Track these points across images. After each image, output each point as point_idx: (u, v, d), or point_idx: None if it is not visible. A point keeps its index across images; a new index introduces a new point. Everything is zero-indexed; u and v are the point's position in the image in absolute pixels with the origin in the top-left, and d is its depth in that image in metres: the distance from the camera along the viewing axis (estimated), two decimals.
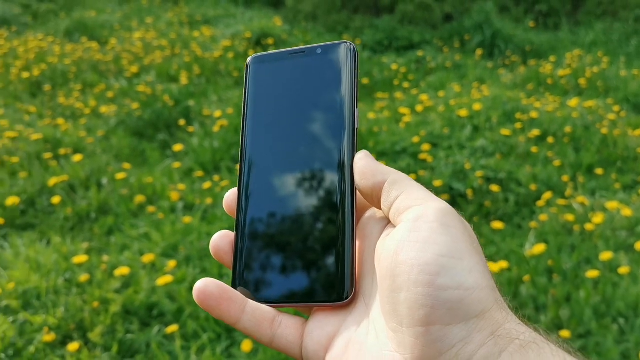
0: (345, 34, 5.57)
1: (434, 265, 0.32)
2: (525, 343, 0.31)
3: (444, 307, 0.31)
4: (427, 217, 0.34)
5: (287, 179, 0.41)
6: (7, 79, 4.21)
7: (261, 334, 0.38)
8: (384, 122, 3.37)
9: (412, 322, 0.32)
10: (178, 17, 6.05)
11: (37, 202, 2.50)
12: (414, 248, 0.33)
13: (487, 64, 4.87)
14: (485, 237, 2.28)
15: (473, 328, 0.32)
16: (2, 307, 1.86)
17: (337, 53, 0.43)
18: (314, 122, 0.41)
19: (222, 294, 0.37)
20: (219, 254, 0.42)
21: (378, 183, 0.38)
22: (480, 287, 0.32)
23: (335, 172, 0.40)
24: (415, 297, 0.32)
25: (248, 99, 0.44)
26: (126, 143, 3.16)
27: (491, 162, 2.77)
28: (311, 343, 0.37)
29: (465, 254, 0.33)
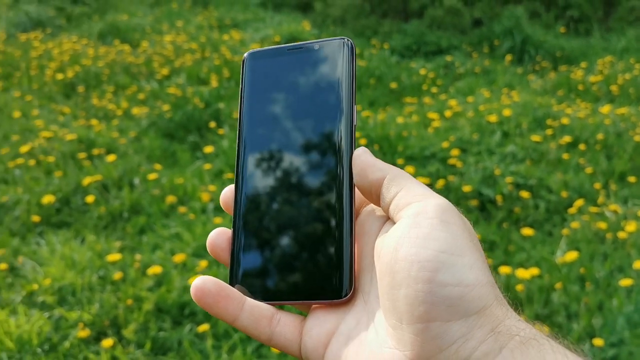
0: (373, 38, 5.58)
1: (434, 261, 0.32)
2: (526, 339, 0.31)
3: (444, 303, 0.31)
4: (427, 213, 0.34)
5: (285, 177, 0.41)
6: (42, 80, 4.30)
7: (259, 332, 0.37)
8: (413, 126, 3.37)
9: (411, 319, 0.32)
10: (207, 20, 6.12)
11: (71, 200, 2.55)
12: (413, 244, 0.33)
13: (517, 69, 4.83)
14: (515, 244, 2.27)
15: (473, 325, 0.31)
16: (38, 303, 1.91)
17: (334, 49, 0.42)
18: (311, 119, 0.41)
19: (219, 291, 0.37)
20: (215, 251, 0.41)
21: (377, 179, 0.38)
22: (481, 283, 0.32)
23: (333, 169, 0.39)
24: (415, 294, 0.32)
25: (244, 96, 0.44)
26: (157, 144, 3.21)
27: (521, 168, 2.76)
28: (310, 340, 0.37)
29: (465, 251, 0.33)
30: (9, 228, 2.38)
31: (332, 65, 0.42)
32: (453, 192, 2.62)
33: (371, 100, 4.12)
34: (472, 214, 2.49)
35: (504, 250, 2.23)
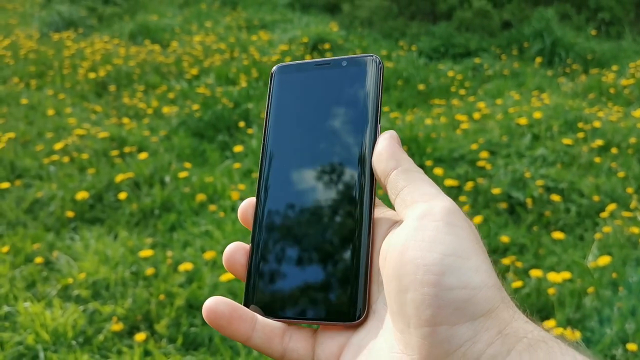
0: (401, 40, 5.57)
1: (440, 265, 0.32)
2: (534, 342, 0.31)
3: (451, 306, 0.31)
4: (433, 216, 0.34)
5: (306, 195, 0.40)
6: (75, 79, 4.38)
7: (272, 350, 0.37)
8: (441, 128, 3.36)
9: (418, 323, 0.32)
10: (236, 21, 6.17)
11: (104, 197, 2.60)
12: (419, 247, 0.33)
13: (547, 72, 4.78)
14: (546, 247, 2.25)
15: (480, 327, 0.31)
16: (73, 296, 1.94)
17: (362, 66, 0.42)
18: (336, 135, 0.41)
19: (232, 312, 0.37)
20: (233, 267, 0.41)
21: (390, 168, 0.38)
22: (487, 285, 0.32)
23: (354, 190, 0.39)
24: (421, 298, 0.32)
25: (270, 109, 0.44)
26: (187, 143, 3.25)
27: (552, 171, 2.73)
28: (322, 354, 0.37)
29: (471, 253, 0.33)
30: (44, 223, 2.43)
31: (359, 82, 0.42)
32: (482, 195, 2.61)
33: (399, 102, 4.11)
34: (501, 217, 2.47)
35: (534, 253, 2.21)
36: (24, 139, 3.23)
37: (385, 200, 0.44)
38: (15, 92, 4.14)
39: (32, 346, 1.73)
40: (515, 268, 2.06)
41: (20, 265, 2.13)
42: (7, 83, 4.39)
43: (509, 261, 2.07)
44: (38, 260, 2.11)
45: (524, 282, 1.96)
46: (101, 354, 1.72)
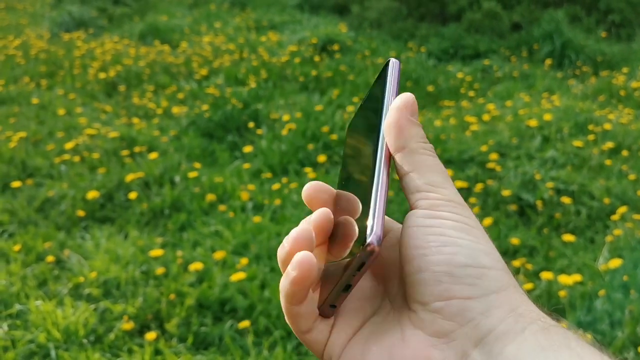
0: (410, 41, 5.56)
1: (452, 245, 0.33)
2: (548, 325, 0.31)
3: (463, 282, 0.32)
4: (439, 206, 0.35)
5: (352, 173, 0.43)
6: (85, 79, 4.40)
7: (307, 322, 0.37)
8: (451, 130, 3.35)
9: (431, 298, 0.33)
10: (245, 22, 6.18)
11: (115, 196, 2.61)
12: (428, 232, 0.34)
13: (557, 74, 4.76)
14: (556, 250, 2.24)
15: (492, 303, 0.32)
16: (84, 295, 1.96)
17: (385, 70, 0.44)
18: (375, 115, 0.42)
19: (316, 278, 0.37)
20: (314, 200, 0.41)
21: (398, 147, 0.37)
22: (497, 267, 0.33)
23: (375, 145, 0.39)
24: (434, 276, 0.33)
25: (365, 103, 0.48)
26: (197, 143, 3.25)
27: (562, 173, 2.72)
28: (337, 338, 0.37)
29: (480, 239, 0.34)
30: (55, 222, 2.44)
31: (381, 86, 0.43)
32: (492, 196, 2.60)
33: None
34: (511, 219, 2.47)
35: (545, 256, 2.20)
36: (35, 139, 3.25)
37: None
38: (26, 91, 4.17)
39: (43, 344, 1.74)
40: (525, 270, 2.05)
41: (31, 264, 2.14)
42: (18, 83, 4.42)
43: (519, 263, 2.07)
44: (49, 259, 2.13)
45: (534, 284, 1.95)
46: (112, 352, 1.73)
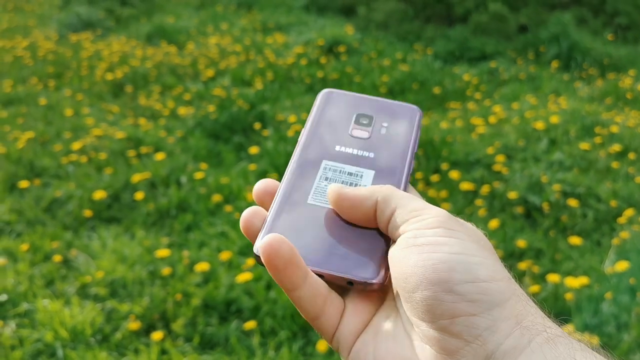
0: (416, 43, 5.56)
1: (448, 262, 0.32)
2: (553, 336, 0.31)
3: (465, 299, 0.32)
4: (428, 225, 0.35)
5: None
6: (92, 80, 4.42)
7: (313, 308, 0.37)
8: (457, 132, 3.35)
9: (434, 318, 0.32)
10: (252, 23, 6.20)
11: (121, 197, 2.62)
12: (423, 250, 0.33)
13: (563, 76, 4.75)
14: (563, 252, 2.23)
15: (497, 317, 0.32)
16: (91, 295, 1.96)
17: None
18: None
19: (292, 257, 0.35)
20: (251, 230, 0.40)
21: (369, 207, 0.38)
22: (495, 279, 0.33)
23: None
24: (433, 295, 0.32)
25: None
26: (203, 144, 3.26)
27: (569, 176, 2.72)
28: (346, 328, 0.37)
29: (475, 251, 0.33)
30: (63, 222, 2.46)
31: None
32: (498, 199, 2.60)
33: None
34: (517, 221, 2.46)
35: (551, 258, 2.20)
36: (43, 139, 3.27)
37: None
38: (34, 92, 4.19)
39: (50, 343, 1.75)
40: (532, 273, 2.05)
41: (39, 263, 2.16)
42: (26, 83, 4.44)
43: (525, 266, 2.07)
44: (57, 258, 2.14)
45: (541, 286, 1.95)
46: (119, 351, 1.73)
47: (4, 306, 1.92)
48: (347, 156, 0.43)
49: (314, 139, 0.45)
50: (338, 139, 0.44)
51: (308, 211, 0.40)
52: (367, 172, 0.42)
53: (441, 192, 2.64)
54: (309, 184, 0.42)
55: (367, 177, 0.42)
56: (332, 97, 0.48)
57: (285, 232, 0.39)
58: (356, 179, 0.42)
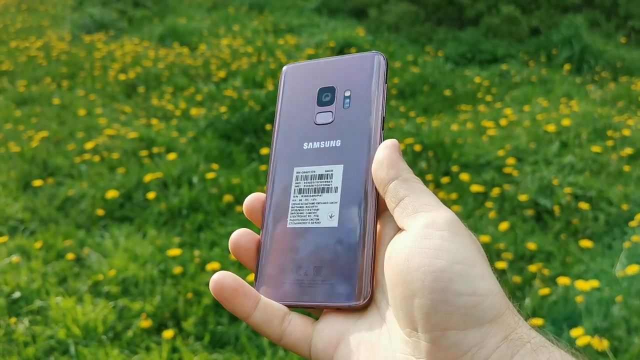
0: (428, 45, 5.57)
1: (449, 272, 0.32)
2: (536, 346, 0.32)
3: (460, 312, 0.32)
4: (437, 226, 0.35)
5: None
6: (105, 80, 4.46)
7: (271, 331, 0.38)
8: (468, 134, 3.35)
9: (427, 328, 0.32)
10: (263, 25, 6.22)
11: (133, 196, 2.64)
12: (426, 255, 0.33)
13: (575, 79, 4.74)
14: (573, 256, 2.23)
15: (487, 333, 0.32)
16: (103, 292, 1.98)
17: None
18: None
19: (238, 287, 0.38)
20: (238, 251, 0.42)
21: (390, 177, 0.38)
22: (493, 293, 0.33)
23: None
24: (430, 303, 0.32)
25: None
26: (215, 145, 3.28)
27: (580, 179, 2.71)
28: (321, 341, 0.37)
29: (477, 261, 0.34)
30: (75, 220, 2.48)
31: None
32: (508, 201, 2.60)
33: (425, 107, 4.11)
34: (527, 224, 2.46)
35: (562, 261, 2.19)
36: (56, 138, 3.31)
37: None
38: (47, 92, 4.23)
39: (63, 340, 1.77)
40: (542, 275, 2.04)
41: (52, 261, 2.18)
42: (40, 83, 4.49)
43: (535, 268, 2.06)
44: (69, 256, 2.16)
45: (551, 289, 1.94)
46: (130, 349, 1.75)
47: (17, 303, 1.95)
48: (316, 154, 0.43)
49: (284, 138, 0.45)
50: (305, 133, 0.44)
51: (288, 238, 0.41)
52: (337, 168, 0.42)
53: (451, 194, 2.64)
54: (286, 201, 0.43)
55: (337, 174, 0.41)
56: (292, 75, 0.47)
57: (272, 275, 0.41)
58: (327, 183, 0.42)
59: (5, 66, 4.92)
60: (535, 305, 1.89)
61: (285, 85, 0.47)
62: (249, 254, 0.42)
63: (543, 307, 1.87)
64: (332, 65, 0.45)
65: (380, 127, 0.42)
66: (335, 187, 0.41)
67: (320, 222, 0.41)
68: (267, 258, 0.42)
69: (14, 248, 2.25)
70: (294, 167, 0.43)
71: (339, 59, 0.45)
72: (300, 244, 0.41)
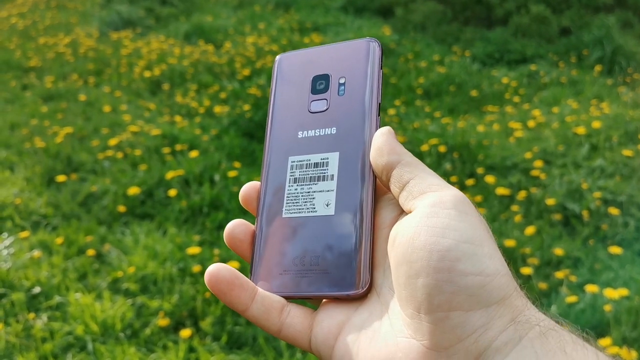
0: (454, 45, 5.49)
1: (455, 250, 0.32)
2: (545, 330, 0.31)
3: (465, 292, 0.31)
4: (444, 204, 0.34)
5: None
6: (131, 77, 4.48)
7: (270, 323, 0.37)
8: (494, 135, 3.29)
9: (430, 308, 0.32)
10: (289, 23, 6.20)
11: (155, 193, 2.64)
12: (432, 233, 0.32)
13: (606, 81, 4.62)
14: (602, 262, 2.16)
15: (493, 314, 0.31)
16: (122, 290, 1.98)
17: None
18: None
19: (234, 279, 0.37)
20: (233, 242, 0.42)
21: (391, 162, 0.37)
22: (501, 273, 0.32)
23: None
24: (435, 283, 0.31)
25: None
26: (237, 143, 3.27)
27: (610, 183, 2.63)
28: (321, 332, 0.37)
29: (484, 241, 0.33)
30: (97, 216, 2.49)
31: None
32: (535, 205, 2.53)
33: (451, 108, 4.05)
34: (555, 229, 2.39)
35: (590, 268, 2.13)
36: (81, 134, 3.33)
37: None
38: (74, 88, 4.27)
39: (81, 336, 1.77)
40: (569, 282, 1.98)
41: (73, 257, 2.18)
42: (66, 79, 4.53)
43: (562, 274, 2.00)
44: (90, 252, 2.16)
45: (578, 297, 1.88)
46: (147, 347, 1.74)
47: (37, 298, 1.95)
48: (311, 142, 0.42)
49: (278, 128, 0.44)
50: (299, 122, 0.43)
51: (284, 228, 0.41)
52: (332, 155, 0.41)
53: (476, 196, 2.59)
54: (281, 191, 0.42)
55: (333, 162, 0.40)
56: (285, 64, 0.46)
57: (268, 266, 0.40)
58: (323, 171, 0.41)
59: (33, 62, 4.98)
60: (562, 313, 1.83)
61: (278, 74, 0.46)
62: (244, 245, 0.42)
63: (570, 315, 1.81)
64: (326, 52, 0.44)
65: (376, 113, 0.41)
66: (332, 174, 0.40)
67: (317, 210, 0.40)
68: (263, 249, 0.41)
69: (35, 243, 2.26)
70: (289, 157, 0.42)
71: (333, 46, 0.44)
72: (296, 233, 0.40)
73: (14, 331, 1.77)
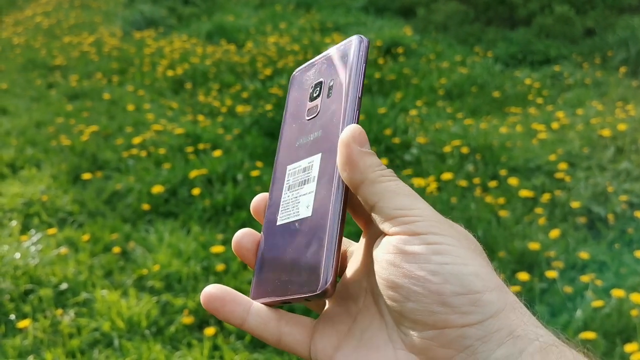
0: (476, 46, 5.46)
1: (440, 274, 0.32)
2: (545, 345, 0.31)
3: (458, 311, 0.31)
4: (418, 229, 0.33)
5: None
6: (154, 76, 4.53)
7: (268, 333, 0.38)
8: (517, 137, 3.26)
9: (426, 327, 0.32)
10: (310, 23, 6.21)
11: (178, 192, 2.66)
12: (414, 260, 0.32)
13: (631, 82, 4.56)
14: (628, 266, 2.14)
15: (490, 328, 0.31)
16: (147, 287, 2.00)
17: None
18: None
19: (224, 295, 0.38)
20: (240, 252, 0.42)
21: (355, 181, 0.36)
22: (489, 289, 0.32)
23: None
24: (424, 307, 0.32)
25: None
26: (259, 142, 3.29)
27: (636, 186, 2.60)
28: (320, 342, 0.37)
29: (468, 259, 0.32)
30: (122, 214, 2.51)
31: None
32: (559, 208, 2.51)
33: (473, 109, 4.03)
34: (579, 232, 2.37)
35: (615, 272, 2.10)
36: (106, 133, 3.37)
37: None
38: (98, 87, 4.32)
39: (107, 333, 1.79)
40: (594, 286, 1.96)
41: (99, 254, 2.21)
42: (91, 78, 4.59)
43: (588, 279, 1.98)
44: (115, 250, 2.19)
45: (604, 301, 1.87)
46: (172, 345, 1.76)
47: (64, 294, 1.98)
48: (304, 148, 0.42)
49: (285, 140, 0.45)
50: (299, 131, 0.44)
51: (276, 236, 0.41)
52: (316, 158, 0.40)
53: (499, 198, 2.57)
54: (279, 198, 0.42)
55: (316, 164, 0.40)
56: (296, 79, 0.47)
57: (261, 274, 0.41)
58: (308, 174, 0.41)
59: (58, 61, 5.05)
60: (587, 317, 1.81)
61: (290, 89, 0.47)
62: (250, 255, 0.42)
63: (595, 319, 1.80)
64: (324, 58, 0.45)
65: (354, 108, 0.40)
66: (314, 176, 0.40)
67: (300, 213, 0.40)
68: (261, 258, 0.42)
69: (62, 240, 2.30)
70: (287, 166, 0.43)
71: (329, 51, 0.44)
72: (283, 239, 0.40)
73: (42, 327, 1.80)
